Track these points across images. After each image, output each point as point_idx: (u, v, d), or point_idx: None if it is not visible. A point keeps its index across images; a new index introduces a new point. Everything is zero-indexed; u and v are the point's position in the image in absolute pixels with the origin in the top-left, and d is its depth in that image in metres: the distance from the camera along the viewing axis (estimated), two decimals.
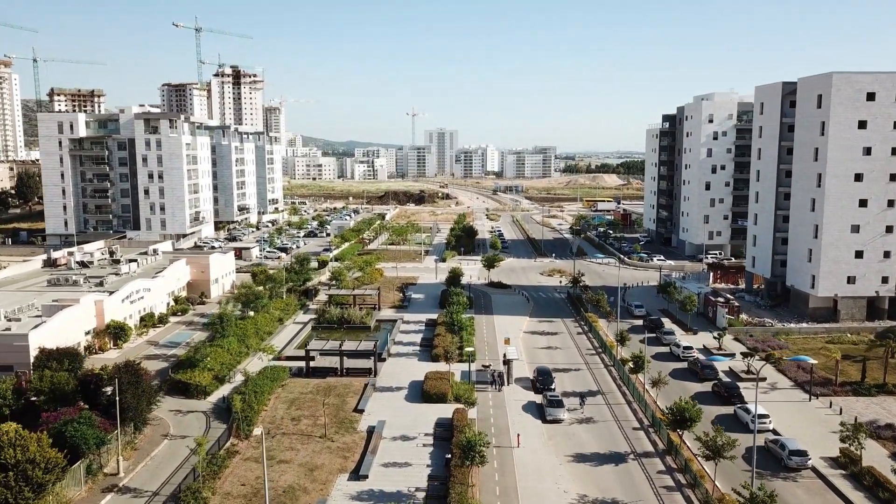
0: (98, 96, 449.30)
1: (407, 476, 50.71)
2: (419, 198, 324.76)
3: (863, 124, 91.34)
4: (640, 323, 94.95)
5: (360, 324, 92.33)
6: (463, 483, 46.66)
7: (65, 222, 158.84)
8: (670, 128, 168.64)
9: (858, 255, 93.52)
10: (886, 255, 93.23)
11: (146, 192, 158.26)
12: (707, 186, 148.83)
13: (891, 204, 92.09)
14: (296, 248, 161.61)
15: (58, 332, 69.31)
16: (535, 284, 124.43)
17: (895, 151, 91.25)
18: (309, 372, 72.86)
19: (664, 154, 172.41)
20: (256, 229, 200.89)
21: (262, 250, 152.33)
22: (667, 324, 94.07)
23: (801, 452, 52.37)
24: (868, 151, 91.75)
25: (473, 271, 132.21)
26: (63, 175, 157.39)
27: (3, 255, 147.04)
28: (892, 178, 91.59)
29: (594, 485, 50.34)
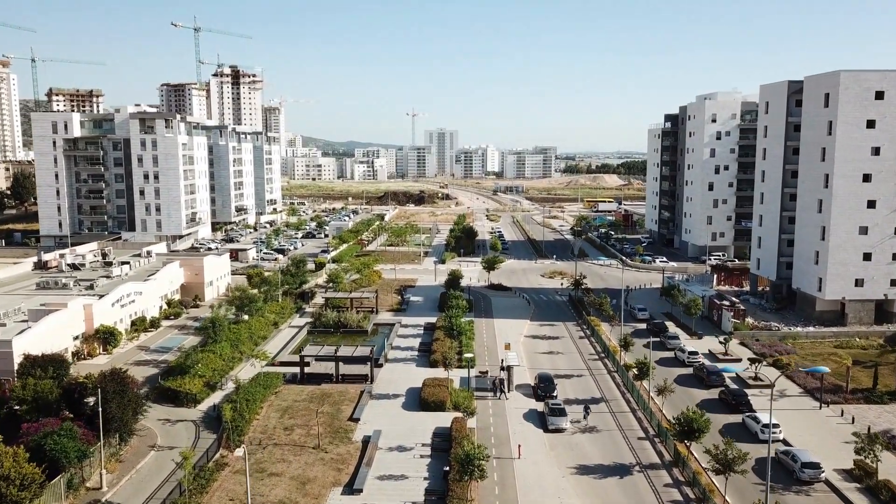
0: (97, 96, 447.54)
1: (403, 490, 48.61)
2: (419, 198, 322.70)
3: (871, 123, 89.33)
4: (644, 327, 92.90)
5: (357, 328, 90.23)
6: (461, 499, 44.64)
7: (59, 223, 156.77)
8: (672, 128, 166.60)
9: (866, 257, 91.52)
10: (895, 257, 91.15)
11: (141, 192, 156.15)
12: (710, 187, 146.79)
13: None
14: (293, 249, 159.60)
15: (44, 337, 67.21)
16: (536, 287, 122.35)
17: None
18: (303, 378, 70.70)
19: (666, 154, 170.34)
20: (254, 230, 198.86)
21: (258, 252, 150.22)
22: (671, 328, 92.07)
23: (815, 465, 50.22)
24: (877, 151, 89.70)
25: (473, 273, 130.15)
26: (57, 175, 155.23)
27: None
28: None
29: (598, 499, 48.25)
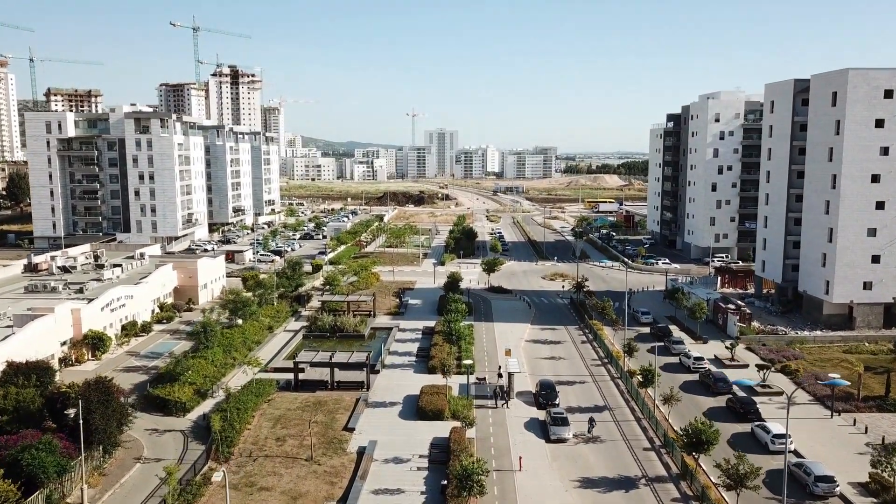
0: (95, 96, 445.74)
1: None
2: (418, 199, 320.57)
3: (880, 123, 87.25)
4: (647, 331, 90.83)
5: (354, 332, 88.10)
6: None
7: (53, 224, 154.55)
8: (675, 127, 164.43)
9: (875, 259, 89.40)
10: None
11: (137, 193, 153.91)
12: (713, 187, 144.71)
13: None
14: (290, 250, 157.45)
15: (29, 343, 65.00)
16: (537, 289, 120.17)
17: None
18: (297, 385, 68.59)
19: (668, 154, 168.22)
20: (252, 231, 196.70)
21: (255, 253, 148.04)
22: (675, 332, 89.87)
23: (828, 478, 48.04)
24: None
25: (473, 275, 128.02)
26: (51, 176, 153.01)
27: None
28: None
29: None
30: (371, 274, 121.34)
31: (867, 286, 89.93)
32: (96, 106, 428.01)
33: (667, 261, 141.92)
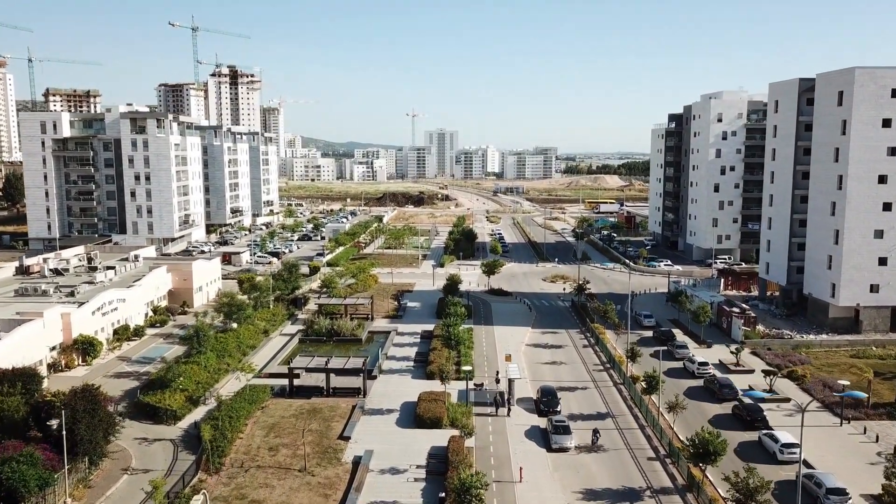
0: (94, 97, 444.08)
1: None
2: (418, 199, 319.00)
3: (887, 122, 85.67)
4: (650, 334, 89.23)
5: (351, 336, 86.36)
6: None
7: (48, 226, 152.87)
8: (677, 127, 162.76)
9: (882, 262, 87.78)
10: None
11: (133, 194, 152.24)
12: (716, 188, 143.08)
13: None
14: (288, 252, 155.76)
15: (16, 349, 63.32)
16: (538, 291, 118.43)
17: None
18: (292, 391, 66.85)
19: (670, 155, 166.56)
20: (250, 232, 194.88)
21: (252, 255, 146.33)
22: (678, 335, 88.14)
23: (841, 491, 46.29)
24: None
25: (473, 277, 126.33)
26: (46, 177, 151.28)
27: None
28: None
29: None
30: (369, 276, 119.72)
31: (874, 289, 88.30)
32: (95, 106, 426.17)
33: (669, 262, 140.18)
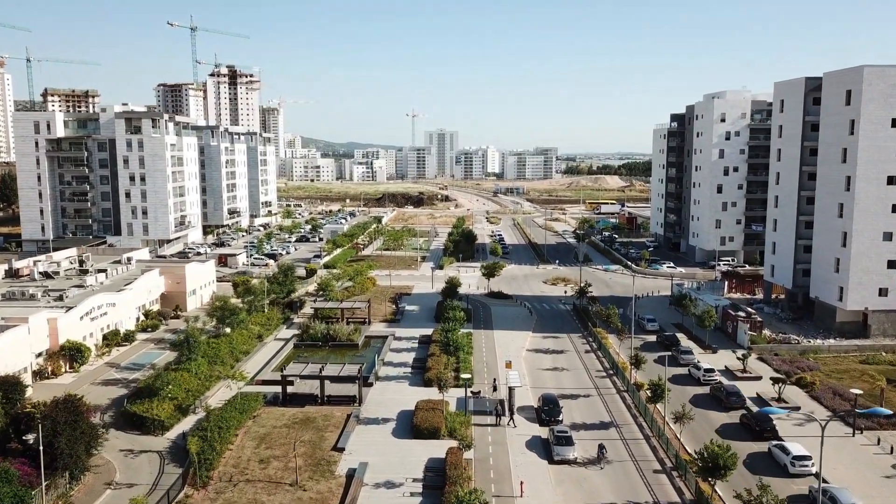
0: (92, 97, 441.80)
1: None
2: (418, 200, 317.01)
3: None
4: (654, 339, 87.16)
5: (347, 341, 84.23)
6: None
7: (42, 227, 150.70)
8: (679, 128, 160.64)
9: (891, 265, 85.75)
10: None
11: (127, 195, 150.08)
12: (719, 189, 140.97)
13: None
14: (285, 254, 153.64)
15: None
16: (539, 294, 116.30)
17: None
18: (286, 399, 64.78)
19: (672, 155, 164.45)
20: (247, 233, 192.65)
21: (249, 256, 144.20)
22: (683, 340, 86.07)
23: None
24: None
25: (472, 279, 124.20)
26: (39, 177, 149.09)
27: None
28: None
29: None
30: (367, 278, 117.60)
31: (883, 293, 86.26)
32: (93, 107, 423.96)
33: (671, 264, 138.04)
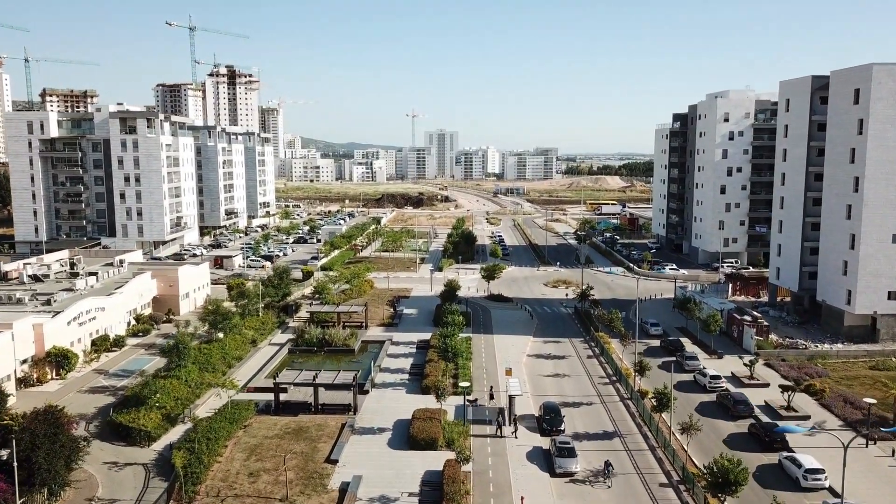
0: (91, 97, 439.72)
1: None
2: (417, 200, 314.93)
3: None
4: (657, 344, 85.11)
5: (343, 346, 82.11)
6: None
7: (35, 228, 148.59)
8: (681, 127, 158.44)
9: None
10: None
11: (122, 196, 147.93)
12: (722, 190, 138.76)
13: None
14: (283, 255, 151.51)
15: None
16: (539, 297, 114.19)
17: None
18: (278, 407, 62.70)
19: (675, 155, 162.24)
20: (245, 235, 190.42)
21: (245, 258, 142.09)
22: (687, 345, 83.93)
23: None
24: None
25: (472, 282, 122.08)
26: (33, 178, 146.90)
27: None
28: None
29: None
30: (365, 281, 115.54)
31: (892, 296, 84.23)
32: (92, 107, 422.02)
33: (674, 266, 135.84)
